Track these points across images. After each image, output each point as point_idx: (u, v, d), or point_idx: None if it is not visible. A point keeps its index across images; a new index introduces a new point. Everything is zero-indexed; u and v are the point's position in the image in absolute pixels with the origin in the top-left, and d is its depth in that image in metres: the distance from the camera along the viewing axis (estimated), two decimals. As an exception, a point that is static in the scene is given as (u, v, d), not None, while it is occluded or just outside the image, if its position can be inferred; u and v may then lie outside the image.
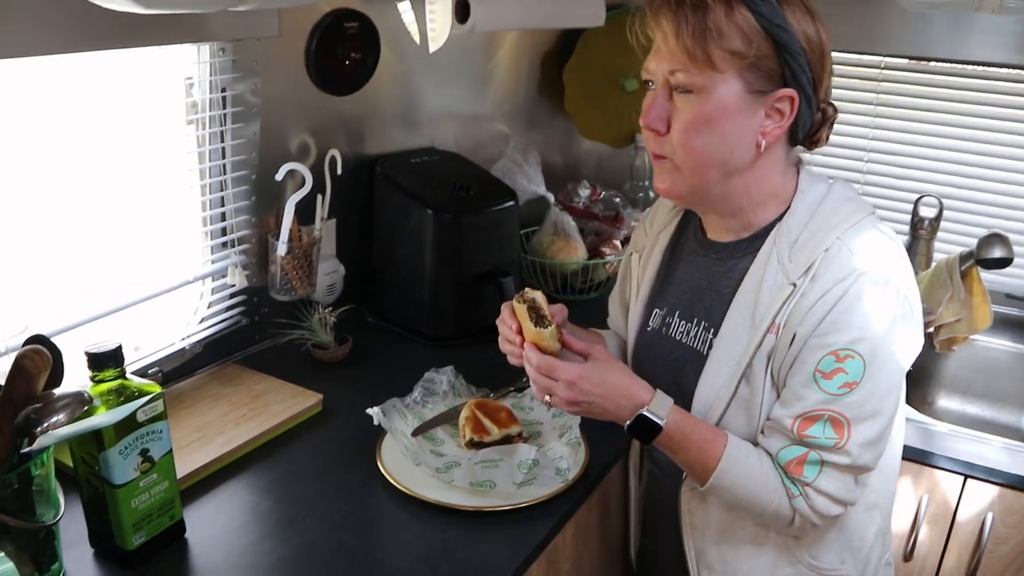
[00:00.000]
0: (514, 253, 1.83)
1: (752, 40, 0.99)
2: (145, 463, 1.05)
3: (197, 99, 1.45)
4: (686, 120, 1.03)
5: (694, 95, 1.02)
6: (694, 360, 1.15)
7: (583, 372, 1.07)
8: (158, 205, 1.44)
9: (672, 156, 1.06)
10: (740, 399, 1.09)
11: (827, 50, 1.06)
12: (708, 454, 1.07)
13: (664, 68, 1.04)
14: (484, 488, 1.22)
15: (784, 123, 1.05)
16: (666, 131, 1.05)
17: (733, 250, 1.15)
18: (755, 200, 1.11)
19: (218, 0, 0.96)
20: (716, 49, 0.99)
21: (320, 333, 1.60)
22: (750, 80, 1.01)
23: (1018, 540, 1.49)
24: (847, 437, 1.02)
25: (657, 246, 1.28)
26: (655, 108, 1.05)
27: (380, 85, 1.74)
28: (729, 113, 1.02)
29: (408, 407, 1.40)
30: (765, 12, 0.99)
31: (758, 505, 1.07)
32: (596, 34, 2.10)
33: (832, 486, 1.05)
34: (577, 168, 2.38)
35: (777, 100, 1.03)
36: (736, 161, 1.06)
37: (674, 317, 1.21)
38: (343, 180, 1.64)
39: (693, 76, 1.01)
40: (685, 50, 0.99)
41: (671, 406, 1.08)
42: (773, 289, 1.06)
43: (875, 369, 1.01)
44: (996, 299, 1.99)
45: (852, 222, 1.05)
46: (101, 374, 1.01)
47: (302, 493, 1.23)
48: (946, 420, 1.75)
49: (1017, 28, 1.90)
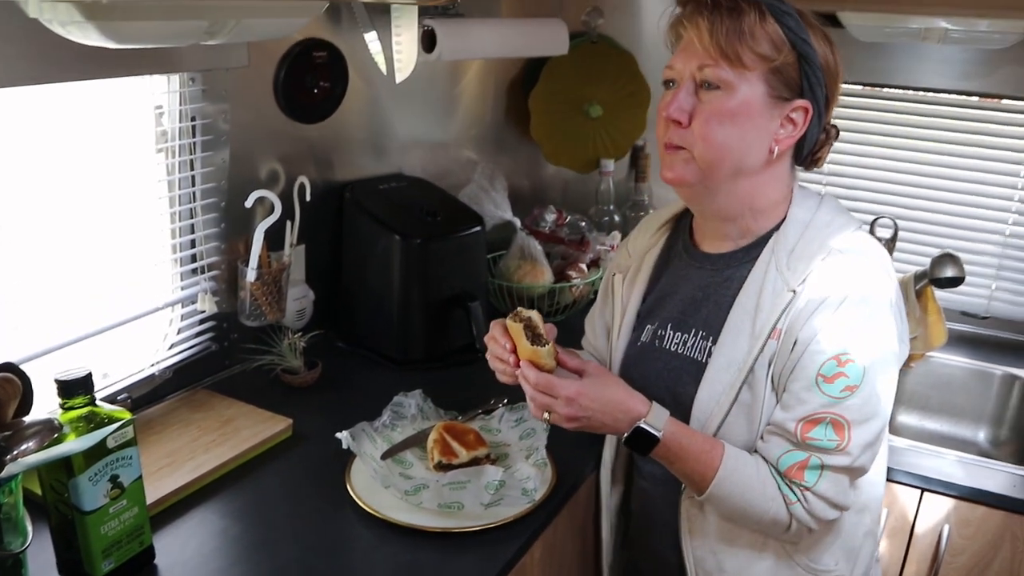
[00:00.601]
0: (481, 277, 1.86)
1: (779, 47, 1.08)
2: (115, 489, 1.05)
3: (167, 127, 1.46)
4: (710, 112, 1.09)
5: (721, 91, 1.08)
6: (692, 369, 1.18)
7: (581, 388, 1.10)
8: (128, 232, 1.45)
9: (691, 147, 1.11)
10: (741, 404, 1.13)
11: (840, 77, 1.14)
12: (705, 464, 1.10)
13: (692, 65, 1.10)
14: (452, 510, 1.23)
15: (796, 133, 1.12)
16: (687, 124, 1.11)
17: (729, 260, 1.19)
18: (756, 207, 1.16)
19: (188, 34, 0.99)
20: (746, 50, 1.06)
21: (290, 358, 1.61)
22: (773, 84, 1.09)
23: (974, 551, 1.53)
24: (848, 439, 1.06)
25: (644, 266, 1.32)
26: (678, 101, 1.11)
27: (349, 113, 1.76)
28: (751, 112, 1.09)
29: (377, 431, 1.41)
30: (792, 25, 1.08)
31: (755, 513, 1.11)
32: (561, 62, 2.14)
33: (831, 490, 1.09)
34: (543, 193, 2.42)
35: (793, 110, 1.11)
36: (749, 161, 1.12)
37: (667, 330, 1.23)
38: (312, 206, 1.66)
39: (722, 72, 1.07)
40: (718, 47, 1.07)
41: (667, 418, 1.11)
42: (773, 296, 1.11)
43: (873, 373, 1.07)
44: (951, 316, 2.06)
45: (845, 232, 1.13)
46: (71, 401, 1.01)
47: (272, 518, 1.24)
48: (905, 435, 1.80)
49: (962, 56, 1.98)
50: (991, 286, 2.12)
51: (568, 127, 2.27)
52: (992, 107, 2.02)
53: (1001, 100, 2.00)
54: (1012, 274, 2.10)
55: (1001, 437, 1.95)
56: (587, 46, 2.22)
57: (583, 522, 1.48)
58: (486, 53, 1.88)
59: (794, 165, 1.19)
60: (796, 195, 1.17)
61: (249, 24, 1.08)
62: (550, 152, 2.28)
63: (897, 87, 2.09)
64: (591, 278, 2.03)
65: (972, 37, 1.74)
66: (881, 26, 1.77)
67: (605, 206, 2.29)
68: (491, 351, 1.19)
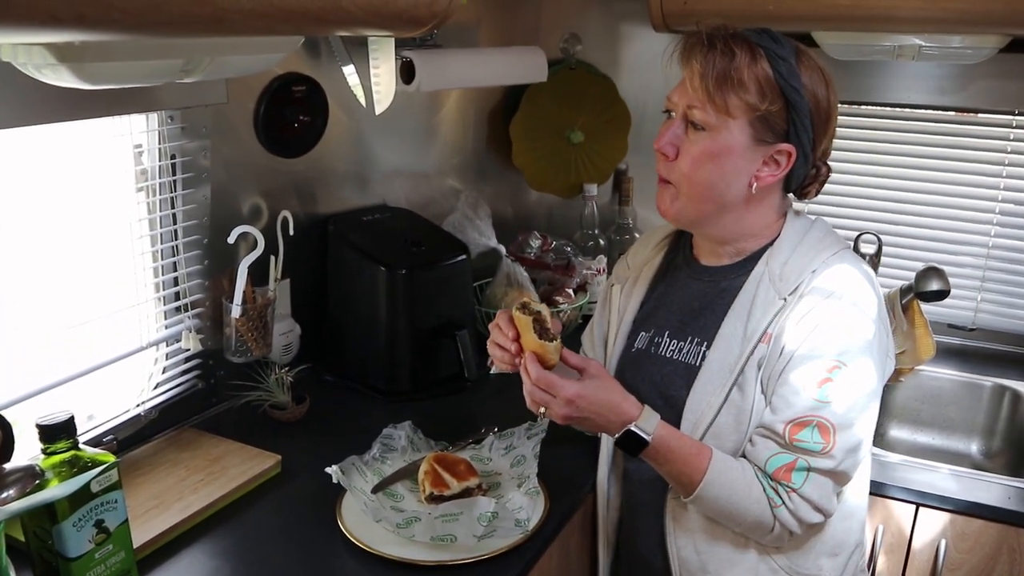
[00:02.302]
0: (468, 306, 1.85)
1: (766, 95, 1.11)
2: (100, 534, 1.03)
3: (147, 166, 1.46)
4: (695, 153, 1.15)
5: (706, 133, 1.14)
6: (685, 373, 1.22)
7: (581, 391, 1.12)
8: (110, 272, 1.44)
9: (677, 184, 1.18)
10: (732, 404, 1.16)
11: (833, 115, 1.18)
12: (693, 467, 1.13)
13: (684, 103, 1.15)
14: (445, 542, 1.22)
15: (779, 173, 1.17)
16: (675, 157, 1.17)
17: (727, 272, 1.25)
18: (746, 232, 1.23)
19: (163, 73, 0.98)
20: (733, 97, 1.11)
21: (277, 393, 1.60)
22: (757, 129, 1.13)
23: (972, 565, 1.52)
24: (833, 443, 1.10)
25: (642, 277, 1.36)
26: (669, 135, 1.17)
27: (330, 145, 1.76)
28: (732, 155, 1.14)
29: (367, 464, 1.40)
30: (784, 72, 1.11)
31: (740, 515, 1.14)
32: (540, 89, 2.15)
33: (815, 493, 1.12)
34: (528, 219, 2.42)
35: (777, 152, 1.15)
36: (730, 197, 1.18)
37: (664, 337, 1.28)
38: (296, 240, 1.66)
39: (708, 116, 1.13)
40: (706, 92, 1.11)
41: (658, 422, 1.15)
42: (765, 303, 1.17)
43: (858, 380, 1.11)
44: (938, 329, 2.06)
45: (834, 250, 1.19)
46: (53, 446, 1.00)
47: (263, 556, 1.22)
48: (898, 450, 1.80)
49: (937, 72, 2.01)
50: (976, 298, 2.13)
51: (550, 153, 2.28)
52: (969, 121, 2.04)
53: (977, 114, 2.03)
54: (996, 285, 2.11)
55: (993, 448, 1.95)
56: (566, 72, 2.24)
57: (575, 550, 1.46)
58: (465, 83, 1.89)
59: (785, 195, 1.24)
60: (790, 217, 1.23)
61: (225, 61, 1.08)
62: (533, 178, 2.29)
63: (874, 104, 2.11)
64: (578, 303, 2.02)
65: (946, 53, 1.76)
66: (855, 44, 1.79)
67: (590, 230, 2.29)
68: (493, 338, 1.22)
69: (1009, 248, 2.08)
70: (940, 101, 2.04)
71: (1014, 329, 2.11)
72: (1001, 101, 1.98)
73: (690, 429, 1.19)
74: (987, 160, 2.05)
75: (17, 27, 0.66)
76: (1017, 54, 1.82)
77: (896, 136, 2.12)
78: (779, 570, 1.21)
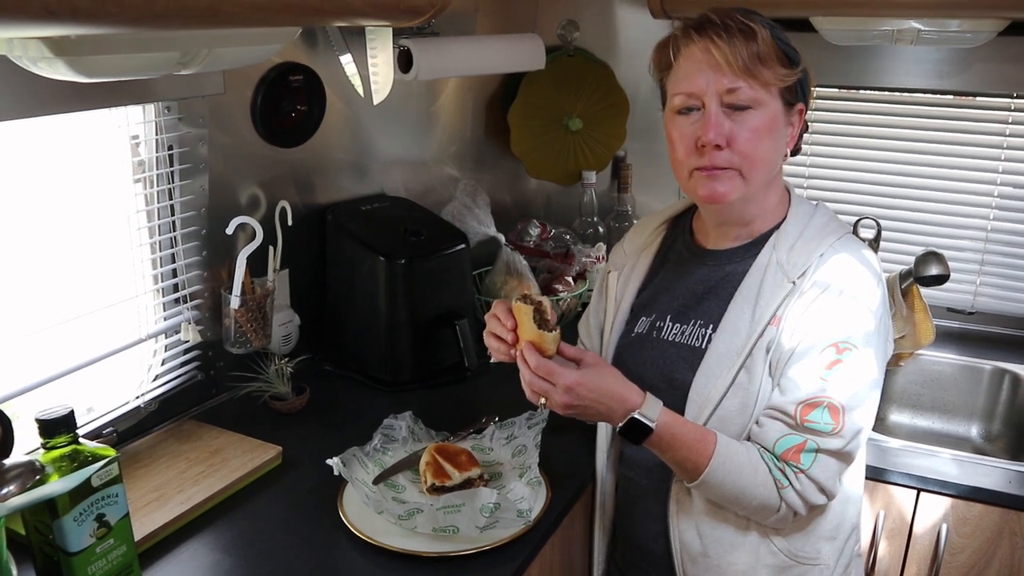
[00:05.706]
0: (467, 295, 1.85)
1: (785, 62, 1.15)
2: (101, 528, 1.03)
3: (144, 157, 1.45)
4: (751, 131, 1.15)
5: (752, 110, 1.14)
6: (689, 356, 1.22)
7: (580, 379, 1.11)
8: (108, 264, 1.44)
9: (740, 166, 1.16)
10: (738, 387, 1.17)
11: None
12: (699, 452, 1.13)
13: (720, 86, 1.14)
14: (447, 533, 1.22)
15: (796, 132, 1.22)
16: (727, 145, 1.15)
17: (732, 256, 1.25)
18: (766, 207, 1.24)
19: (159, 66, 0.98)
20: (767, 71, 1.13)
21: (277, 384, 1.59)
22: (784, 95, 1.17)
23: (973, 549, 1.53)
24: (842, 424, 1.11)
25: (639, 263, 1.37)
26: (718, 126, 1.14)
27: (328, 135, 1.75)
28: (778, 123, 1.17)
29: (368, 455, 1.40)
30: (783, 39, 1.17)
31: (746, 498, 1.14)
32: (538, 76, 2.14)
33: (823, 475, 1.13)
34: (527, 207, 2.41)
35: (793, 113, 1.20)
36: (777, 166, 1.21)
37: (666, 321, 1.28)
38: (294, 230, 1.65)
39: (755, 91, 1.14)
40: (745, 70, 1.12)
41: (661, 409, 1.14)
42: (773, 287, 1.18)
43: (867, 362, 1.14)
44: (938, 313, 2.06)
45: (839, 235, 1.21)
46: (53, 440, 1.00)
47: (265, 548, 1.22)
48: (899, 435, 1.80)
49: (935, 56, 2.00)
50: (976, 281, 2.12)
51: (548, 141, 2.27)
52: (967, 104, 2.03)
53: (976, 97, 2.02)
54: (996, 268, 2.10)
55: (994, 432, 1.95)
56: (564, 59, 2.23)
57: (577, 540, 1.46)
58: (463, 71, 1.88)
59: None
60: (795, 201, 1.26)
61: (221, 53, 1.07)
62: (532, 166, 2.28)
63: (873, 88, 2.10)
64: (578, 291, 2.02)
65: (944, 37, 1.76)
66: (854, 29, 1.78)
67: (589, 218, 2.29)
68: (490, 327, 1.21)
69: (1008, 231, 2.07)
70: (938, 85, 2.03)
71: (1013, 312, 2.11)
72: (1000, 84, 1.97)
73: (696, 412, 1.19)
74: (986, 144, 2.04)
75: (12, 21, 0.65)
76: (1015, 37, 1.82)
77: (895, 120, 2.11)
78: (779, 552, 1.22)
